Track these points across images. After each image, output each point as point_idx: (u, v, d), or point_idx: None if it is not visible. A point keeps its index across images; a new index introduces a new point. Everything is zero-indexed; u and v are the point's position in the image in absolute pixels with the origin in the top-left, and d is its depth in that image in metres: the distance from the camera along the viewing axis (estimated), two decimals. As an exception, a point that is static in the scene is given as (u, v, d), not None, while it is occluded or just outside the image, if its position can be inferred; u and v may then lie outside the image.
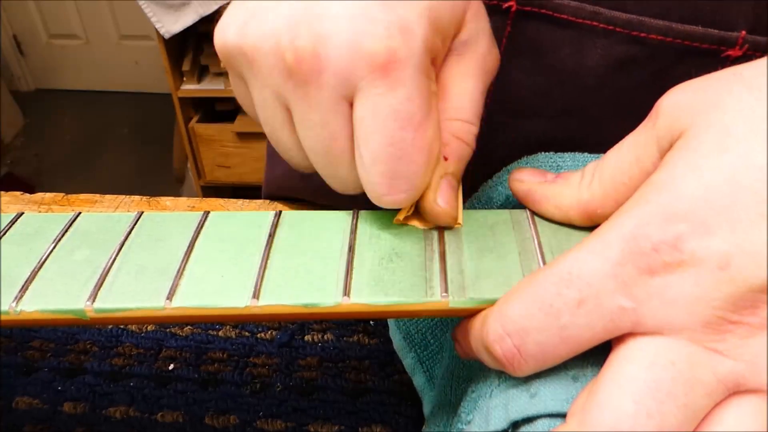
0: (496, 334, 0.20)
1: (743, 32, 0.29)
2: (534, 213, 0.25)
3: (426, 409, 0.30)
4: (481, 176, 0.38)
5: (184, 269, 0.23)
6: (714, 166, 0.18)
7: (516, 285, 0.20)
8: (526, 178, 0.25)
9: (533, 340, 0.19)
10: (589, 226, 0.23)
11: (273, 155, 0.52)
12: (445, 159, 0.25)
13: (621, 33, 0.30)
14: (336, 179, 0.25)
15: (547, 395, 0.20)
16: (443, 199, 0.24)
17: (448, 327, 0.29)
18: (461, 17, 0.24)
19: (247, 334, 0.35)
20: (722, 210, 0.17)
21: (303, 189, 0.48)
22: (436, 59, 0.24)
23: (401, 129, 0.22)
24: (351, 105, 0.22)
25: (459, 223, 0.25)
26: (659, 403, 0.17)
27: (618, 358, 0.18)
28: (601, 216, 0.22)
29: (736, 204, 0.17)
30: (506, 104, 0.34)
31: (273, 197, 0.49)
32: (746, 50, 0.30)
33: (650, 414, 0.17)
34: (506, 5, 0.31)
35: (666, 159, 0.19)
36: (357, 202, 0.28)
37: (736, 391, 0.17)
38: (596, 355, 0.20)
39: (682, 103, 0.20)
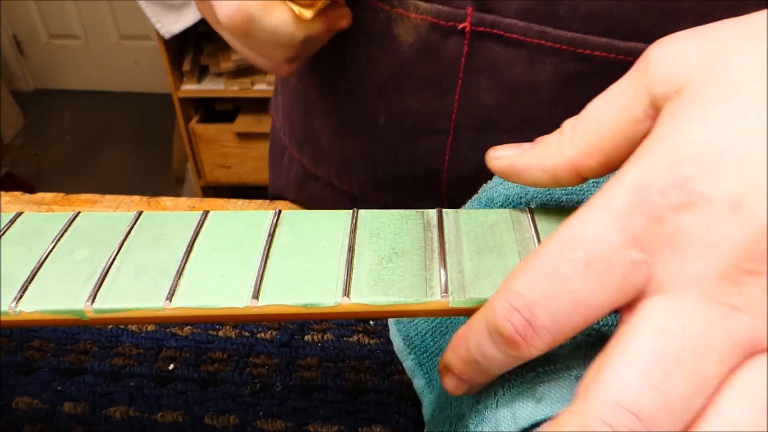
0: (504, 310, 0.18)
1: None
2: (533, 211, 0.25)
3: (426, 411, 0.30)
4: (456, 187, 0.39)
5: (183, 269, 0.23)
6: (720, 114, 0.17)
7: (522, 260, 0.19)
8: (503, 153, 0.24)
9: (544, 310, 0.18)
10: (580, 183, 0.22)
11: (275, 164, 0.53)
12: None
13: (567, 51, 0.31)
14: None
15: (552, 398, 0.20)
16: None
17: (447, 330, 0.29)
18: None
19: (247, 334, 0.35)
20: (730, 150, 0.16)
21: (304, 198, 0.48)
22: None
23: None
24: None
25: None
26: (666, 374, 0.16)
27: (627, 328, 0.17)
28: (591, 169, 0.21)
29: (744, 144, 0.16)
30: (471, 119, 0.36)
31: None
32: None
33: (656, 386, 0.16)
34: (461, 26, 0.33)
35: (664, 115, 0.18)
36: (357, 203, 0.28)
37: (753, 351, 0.16)
38: (598, 352, 0.20)
39: (678, 56, 0.19)
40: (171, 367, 0.34)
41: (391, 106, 0.38)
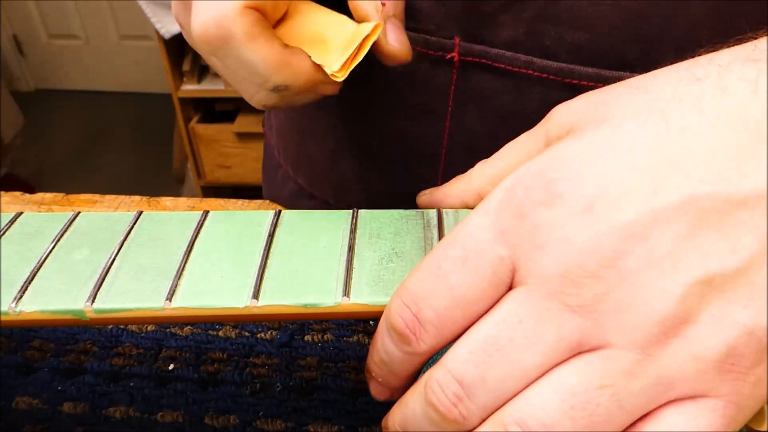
0: (397, 306, 0.20)
1: None
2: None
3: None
4: None
5: (183, 269, 0.23)
6: (588, 137, 0.19)
7: None
8: (426, 191, 0.29)
9: (428, 305, 0.19)
10: None
11: (269, 179, 0.52)
12: (383, 5, 0.27)
13: (555, 80, 0.31)
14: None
15: None
16: (393, 37, 0.28)
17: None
18: None
19: (247, 334, 0.35)
20: (594, 162, 0.18)
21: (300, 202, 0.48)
22: None
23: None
24: None
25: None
26: (488, 356, 0.18)
27: (484, 317, 0.19)
28: None
29: (606, 157, 0.18)
30: (462, 145, 0.36)
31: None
32: None
33: (477, 364, 0.18)
34: (449, 56, 0.33)
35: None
36: (357, 204, 0.28)
37: (579, 350, 0.18)
38: None
39: (572, 106, 0.21)
40: (171, 367, 0.34)
41: (383, 132, 0.38)
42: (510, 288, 0.19)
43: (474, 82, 0.33)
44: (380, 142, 0.39)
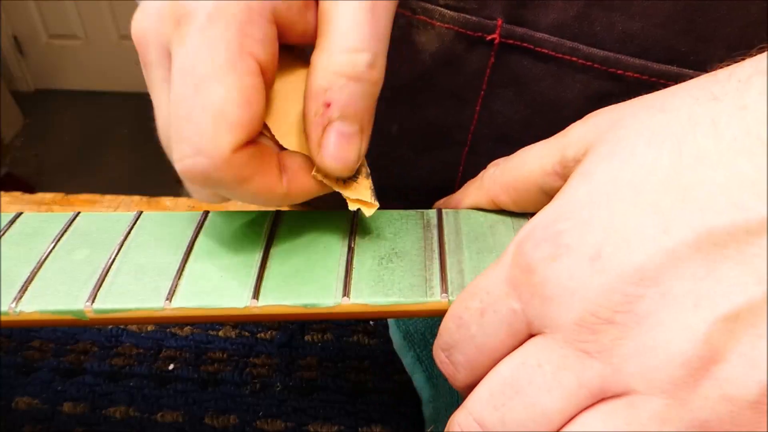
0: (437, 349, 0.21)
1: None
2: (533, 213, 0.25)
3: (426, 408, 0.30)
4: None
5: (183, 269, 0.23)
6: (602, 170, 0.19)
7: None
8: (442, 201, 0.28)
9: (457, 351, 0.20)
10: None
11: None
12: (327, 105, 0.21)
13: (599, 69, 0.31)
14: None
15: None
16: (328, 153, 0.22)
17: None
18: None
19: (247, 334, 0.35)
20: (602, 205, 0.18)
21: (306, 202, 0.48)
22: (277, 10, 0.21)
23: (183, 84, 0.20)
24: None
25: (372, 204, 0.23)
26: (507, 399, 0.18)
27: (505, 360, 0.19)
28: (504, 203, 0.25)
29: (615, 198, 0.18)
30: (490, 132, 0.35)
31: None
32: None
33: (497, 407, 0.18)
34: (489, 38, 0.31)
35: (568, 180, 0.20)
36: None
37: (602, 396, 0.17)
38: None
39: (589, 125, 0.21)
40: (171, 367, 0.34)
41: (405, 116, 0.37)
42: (530, 335, 0.19)
43: (511, 66, 0.32)
44: (400, 126, 0.37)
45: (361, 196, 0.23)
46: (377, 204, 0.23)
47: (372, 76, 0.22)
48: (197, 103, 0.20)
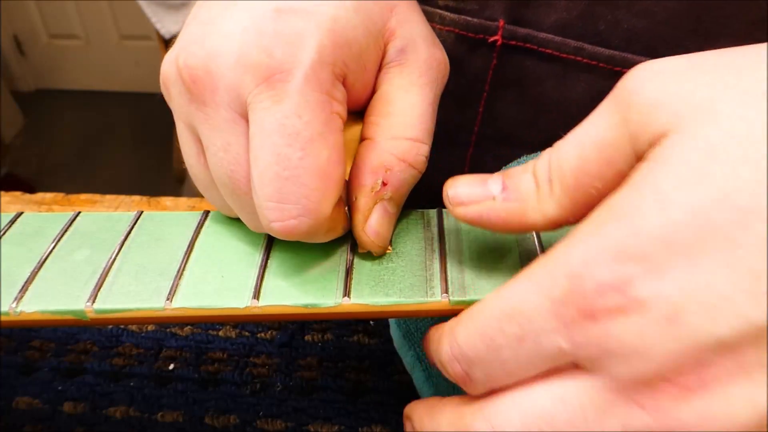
0: (447, 356, 0.19)
1: None
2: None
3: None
4: None
5: (184, 269, 0.23)
6: (685, 200, 0.15)
7: (470, 307, 0.19)
8: (465, 197, 0.21)
9: (479, 370, 0.18)
10: None
11: None
12: (384, 184, 0.23)
13: (604, 68, 0.30)
14: (244, 212, 0.23)
15: None
16: (371, 228, 0.23)
17: (448, 327, 0.29)
18: (382, 26, 0.23)
19: (247, 334, 0.35)
20: (683, 251, 0.15)
21: None
22: (347, 75, 0.22)
23: (287, 146, 0.20)
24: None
25: (389, 249, 0.24)
26: (539, 430, 0.17)
27: (541, 384, 0.18)
28: (576, 222, 0.19)
29: (701, 246, 0.14)
30: (493, 132, 0.35)
31: None
32: None
33: None
34: (492, 39, 0.31)
35: (635, 174, 0.16)
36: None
37: None
38: None
39: (661, 95, 0.17)
40: (171, 367, 0.34)
41: None
42: (571, 367, 0.17)
43: (514, 67, 0.32)
44: None
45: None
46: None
47: (424, 166, 0.23)
48: (305, 165, 0.20)
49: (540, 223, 0.20)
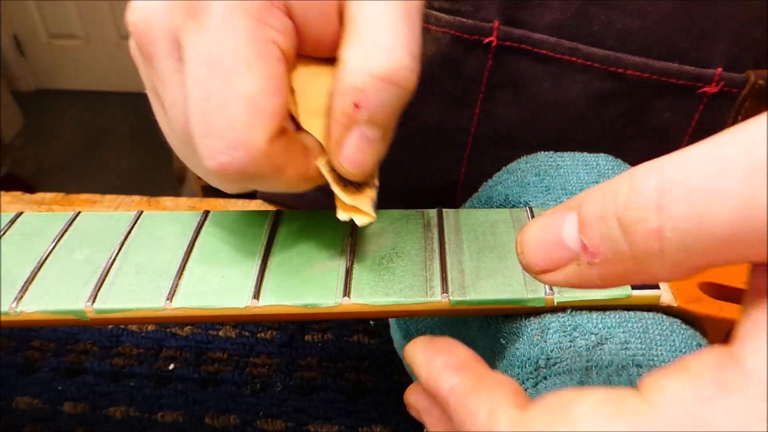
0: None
1: (719, 69, 0.29)
2: (533, 211, 0.25)
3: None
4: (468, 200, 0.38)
5: (184, 269, 0.23)
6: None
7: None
8: (551, 256, 0.15)
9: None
10: None
11: None
12: (356, 106, 0.20)
13: (599, 68, 0.30)
14: (194, 163, 0.21)
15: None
16: (345, 156, 0.20)
17: (447, 326, 0.29)
18: None
19: (247, 334, 0.35)
20: None
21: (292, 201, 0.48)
22: (291, 5, 0.20)
23: (211, 77, 0.19)
24: None
25: (368, 214, 0.22)
26: None
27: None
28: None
29: None
30: (491, 133, 0.35)
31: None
32: (722, 87, 0.30)
33: None
34: (487, 40, 0.31)
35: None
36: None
37: None
38: (596, 356, 0.20)
39: None
40: (171, 367, 0.34)
41: (404, 119, 0.36)
42: None
43: (510, 68, 0.32)
44: (401, 130, 0.37)
45: (358, 204, 0.22)
46: (374, 216, 0.22)
47: (411, 81, 0.20)
48: (229, 95, 0.19)
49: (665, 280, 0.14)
